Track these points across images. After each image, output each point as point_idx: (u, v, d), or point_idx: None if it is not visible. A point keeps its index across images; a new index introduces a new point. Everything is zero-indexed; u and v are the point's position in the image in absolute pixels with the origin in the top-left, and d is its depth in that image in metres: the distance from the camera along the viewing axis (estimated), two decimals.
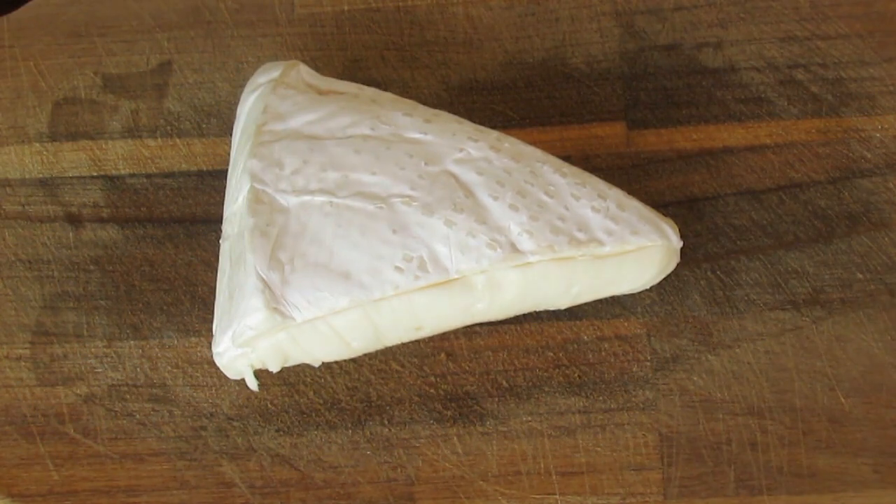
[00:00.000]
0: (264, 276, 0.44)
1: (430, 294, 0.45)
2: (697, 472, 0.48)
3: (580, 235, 0.46)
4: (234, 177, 0.48)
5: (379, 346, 0.47)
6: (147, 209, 0.53)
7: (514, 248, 0.45)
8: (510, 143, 0.48)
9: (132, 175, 0.54)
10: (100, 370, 0.49)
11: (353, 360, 0.48)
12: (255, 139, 0.47)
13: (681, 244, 0.48)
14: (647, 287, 0.49)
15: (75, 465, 0.47)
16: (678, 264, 0.49)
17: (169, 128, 0.55)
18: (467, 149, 0.47)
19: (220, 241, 0.48)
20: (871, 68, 0.54)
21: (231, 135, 0.51)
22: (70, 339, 0.50)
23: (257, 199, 0.46)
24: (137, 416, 0.48)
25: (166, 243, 0.52)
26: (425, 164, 0.47)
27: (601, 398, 0.49)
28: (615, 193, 0.48)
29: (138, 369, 0.49)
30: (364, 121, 0.48)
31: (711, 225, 0.52)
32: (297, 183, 0.46)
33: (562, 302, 0.48)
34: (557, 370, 0.49)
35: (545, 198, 0.47)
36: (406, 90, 0.55)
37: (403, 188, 0.46)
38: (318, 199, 0.46)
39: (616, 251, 0.46)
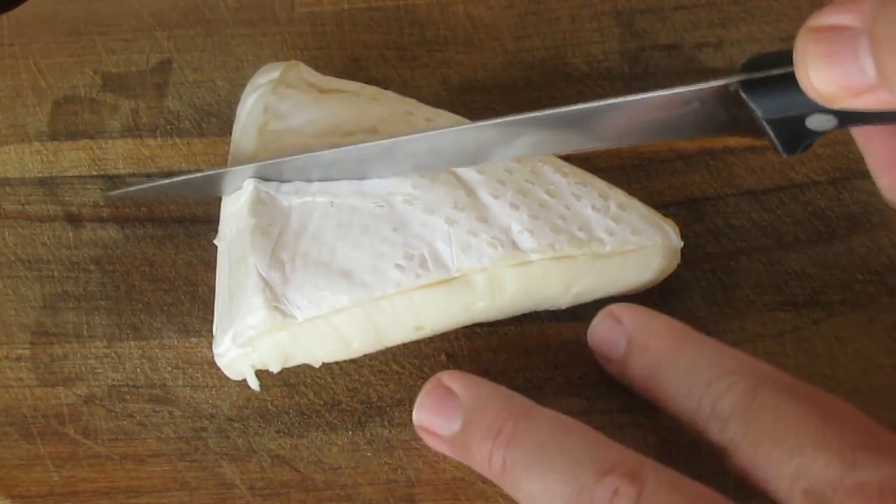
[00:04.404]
0: (265, 276, 0.44)
1: (430, 292, 0.45)
2: (698, 474, 0.47)
3: (581, 234, 0.46)
4: None
5: (379, 346, 0.47)
6: (147, 209, 0.53)
7: (514, 247, 0.45)
8: None
9: (132, 174, 0.53)
10: (100, 370, 0.49)
11: (354, 362, 0.48)
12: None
13: (681, 244, 0.48)
14: (648, 287, 0.49)
15: (76, 466, 0.47)
16: (678, 265, 0.49)
17: (169, 127, 0.54)
18: None
19: (216, 242, 0.48)
20: None
21: (231, 134, 0.51)
22: (70, 339, 0.50)
23: (259, 200, 0.46)
24: (138, 417, 0.48)
25: (166, 243, 0.52)
26: None
27: (602, 399, 0.49)
28: (616, 193, 0.48)
29: (138, 370, 0.49)
30: None
31: (711, 225, 0.52)
32: (299, 182, 0.46)
33: (562, 301, 0.48)
34: (558, 371, 0.49)
35: (546, 197, 0.47)
36: (406, 89, 0.55)
37: (405, 187, 0.46)
38: (320, 198, 0.46)
39: (617, 251, 0.46)
